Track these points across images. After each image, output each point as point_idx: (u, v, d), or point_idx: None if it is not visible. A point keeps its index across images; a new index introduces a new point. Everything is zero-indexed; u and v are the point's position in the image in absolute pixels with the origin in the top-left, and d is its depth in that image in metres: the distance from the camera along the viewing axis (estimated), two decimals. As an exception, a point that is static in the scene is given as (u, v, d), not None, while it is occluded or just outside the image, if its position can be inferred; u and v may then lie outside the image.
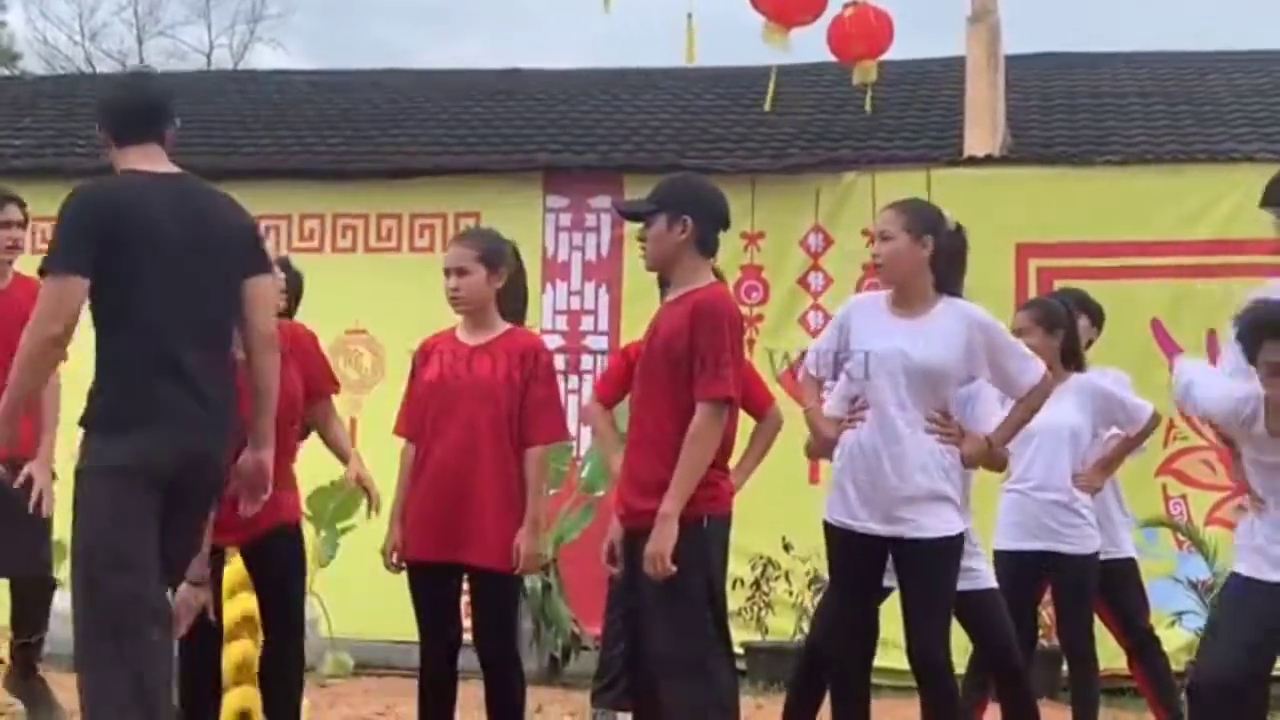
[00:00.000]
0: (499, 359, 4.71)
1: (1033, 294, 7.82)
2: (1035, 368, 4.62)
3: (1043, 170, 8.56)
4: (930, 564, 4.52)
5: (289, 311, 5.08)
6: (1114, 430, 5.69)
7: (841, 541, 4.58)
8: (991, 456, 4.71)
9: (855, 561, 4.58)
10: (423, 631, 4.80)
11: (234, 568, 4.94)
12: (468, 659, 4.87)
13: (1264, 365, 3.92)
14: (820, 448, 4.76)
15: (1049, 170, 8.56)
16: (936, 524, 4.49)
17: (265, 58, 28.25)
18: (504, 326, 4.83)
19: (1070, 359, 5.57)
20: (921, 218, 4.62)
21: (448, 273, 4.82)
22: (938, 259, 4.59)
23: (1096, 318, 6.14)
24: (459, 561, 4.70)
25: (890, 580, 4.65)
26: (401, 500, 4.83)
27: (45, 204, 4.97)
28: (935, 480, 4.49)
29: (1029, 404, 4.65)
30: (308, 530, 7.88)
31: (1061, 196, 8.25)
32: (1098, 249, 8.16)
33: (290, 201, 9.13)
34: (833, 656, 4.63)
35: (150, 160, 4.12)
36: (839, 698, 4.69)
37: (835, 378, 4.75)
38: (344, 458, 5.06)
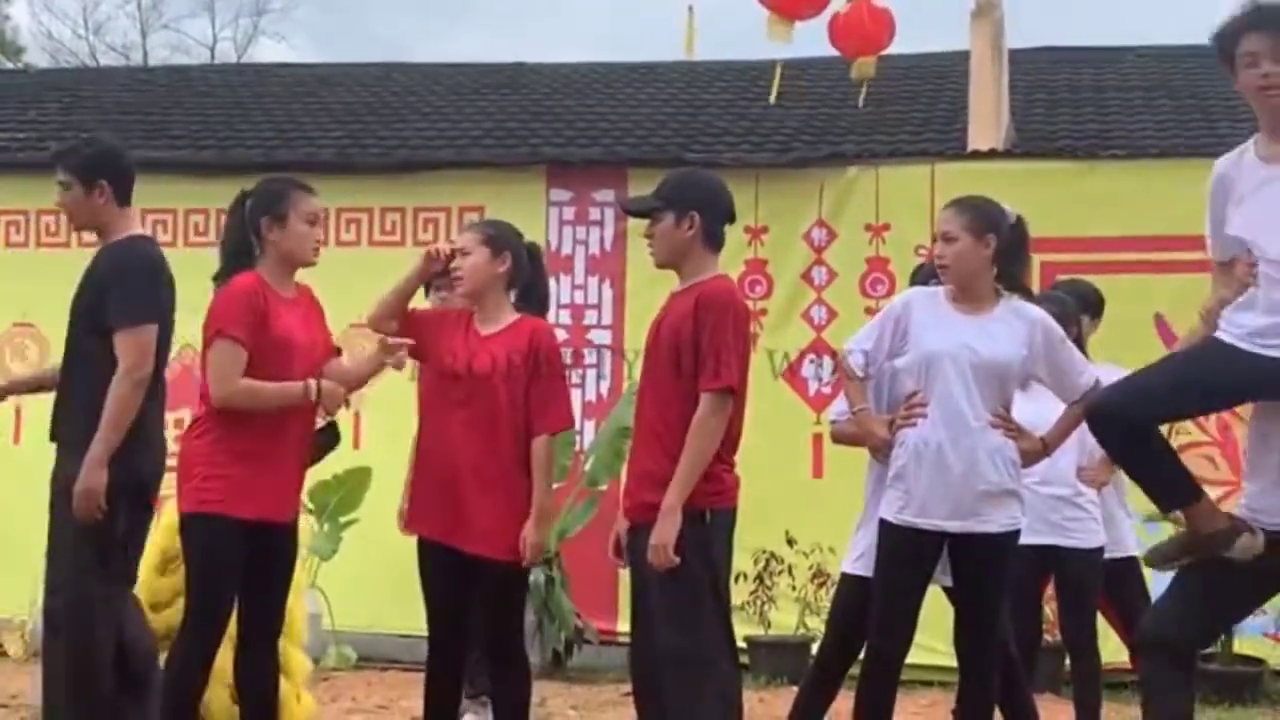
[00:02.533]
0: (502, 349, 4.72)
1: (1036, 289, 7.80)
2: (1090, 372, 4.65)
3: (1047, 165, 8.55)
4: (992, 558, 4.56)
5: None
6: None
7: (903, 540, 4.55)
8: (1044, 456, 4.72)
9: (915, 559, 4.57)
10: (430, 620, 4.81)
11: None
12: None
13: (1242, 57, 3.79)
14: (877, 448, 4.72)
15: (1053, 165, 8.56)
16: (1002, 518, 4.53)
17: (269, 51, 28.33)
18: (513, 316, 4.84)
19: None
20: (983, 216, 4.62)
21: (453, 255, 4.84)
22: (1005, 256, 4.61)
23: (1096, 309, 6.14)
24: (459, 547, 4.70)
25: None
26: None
27: (49, 198, 4.97)
28: (1003, 475, 4.52)
29: (1080, 407, 4.63)
30: (311, 524, 7.93)
31: (1065, 191, 8.24)
32: (1102, 244, 8.15)
33: (294, 195, 9.13)
34: (891, 653, 4.61)
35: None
36: (880, 691, 4.68)
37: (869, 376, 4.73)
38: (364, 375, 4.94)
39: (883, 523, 4.59)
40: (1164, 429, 3.95)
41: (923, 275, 5.18)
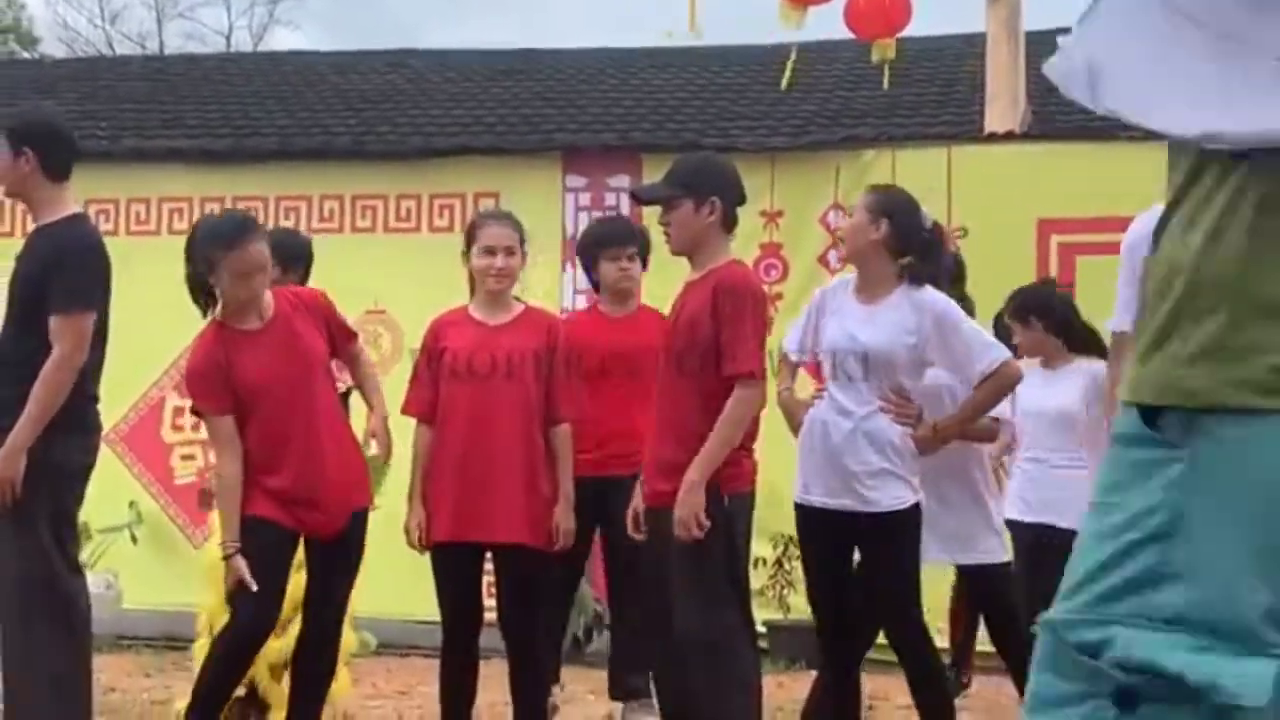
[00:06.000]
0: (525, 339, 4.76)
1: (1054, 270, 7.79)
2: (988, 357, 4.59)
3: (1063, 146, 8.50)
4: (879, 536, 4.59)
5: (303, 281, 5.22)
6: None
7: (801, 518, 4.70)
8: (937, 443, 4.67)
9: (816, 537, 4.67)
10: (446, 612, 4.81)
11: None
12: (491, 638, 4.88)
13: None
14: (794, 428, 4.84)
15: (1070, 146, 8.51)
16: (883, 498, 4.55)
17: (284, 39, 28.34)
18: (520, 305, 4.86)
19: (1074, 343, 5.65)
20: (884, 200, 4.71)
21: (493, 251, 4.80)
22: (903, 249, 4.63)
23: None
24: (491, 541, 4.73)
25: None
26: (421, 480, 4.83)
27: (66, 188, 4.99)
28: (879, 456, 4.54)
29: (982, 391, 4.64)
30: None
31: (1082, 172, 8.20)
32: (1118, 224, 8.05)
33: (310, 183, 9.14)
34: (822, 631, 4.75)
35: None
36: (832, 673, 4.78)
37: (808, 356, 4.89)
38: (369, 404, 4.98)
39: (794, 503, 4.73)
40: None
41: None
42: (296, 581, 4.82)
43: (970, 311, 5.53)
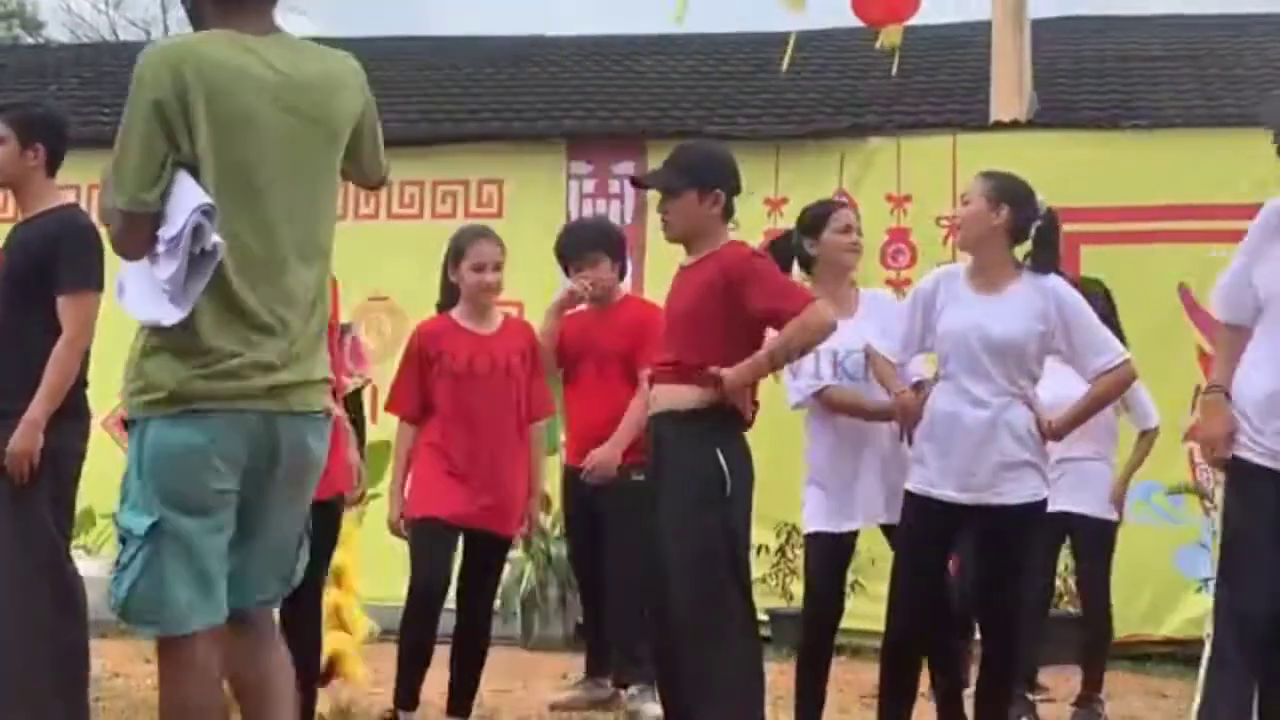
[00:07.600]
0: (513, 344, 5.13)
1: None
2: (1113, 354, 4.55)
3: (1070, 135, 8.50)
4: (1010, 529, 4.50)
5: None
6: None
7: (919, 509, 4.54)
8: (1052, 439, 4.62)
9: (930, 530, 4.55)
10: (426, 583, 5.05)
11: None
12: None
13: None
14: (908, 428, 4.63)
15: (1076, 135, 8.50)
16: (1019, 490, 4.47)
17: (288, 24, 28.24)
18: (501, 315, 5.23)
19: None
20: (1002, 187, 4.58)
21: (483, 267, 5.08)
22: (1020, 236, 4.57)
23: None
24: (480, 528, 5.03)
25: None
26: (402, 476, 5.16)
27: (69, 172, 4.99)
28: (1019, 446, 4.45)
29: (1097, 390, 4.59)
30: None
31: (1088, 161, 8.20)
32: (1124, 214, 8.11)
33: (314, 169, 9.15)
34: (903, 627, 4.59)
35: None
36: (899, 671, 4.68)
37: (921, 351, 4.70)
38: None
39: (905, 494, 4.58)
40: None
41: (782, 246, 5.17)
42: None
43: (1109, 301, 5.55)
